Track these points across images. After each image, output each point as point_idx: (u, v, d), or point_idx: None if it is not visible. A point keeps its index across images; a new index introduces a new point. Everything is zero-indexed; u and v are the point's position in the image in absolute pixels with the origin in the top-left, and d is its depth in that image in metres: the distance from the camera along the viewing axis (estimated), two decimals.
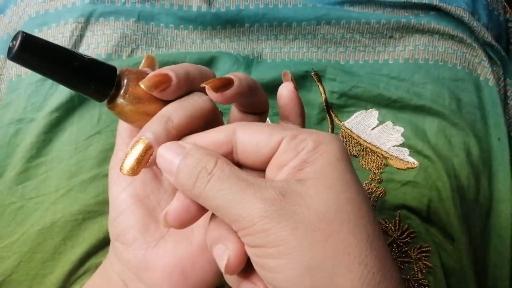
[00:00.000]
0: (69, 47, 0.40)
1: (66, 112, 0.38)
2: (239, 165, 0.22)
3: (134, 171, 0.21)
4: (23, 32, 0.20)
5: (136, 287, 0.27)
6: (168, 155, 0.20)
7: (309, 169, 0.19)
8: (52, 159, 0.37)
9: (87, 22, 0.41)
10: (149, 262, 0.26)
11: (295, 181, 0.19)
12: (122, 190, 0.26)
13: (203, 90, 0.23)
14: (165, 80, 0.22)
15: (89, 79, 0.22)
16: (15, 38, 0.20)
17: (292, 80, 0.26)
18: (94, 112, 0.38)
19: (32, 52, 0.20)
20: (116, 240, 0.27)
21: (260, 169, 0.22)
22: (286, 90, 0.26)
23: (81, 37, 0.41)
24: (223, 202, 0.19)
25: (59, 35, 0.41)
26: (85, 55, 0.22)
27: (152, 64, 0.28)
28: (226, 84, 0.23)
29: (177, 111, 0.23)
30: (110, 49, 0.40)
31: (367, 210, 0.19)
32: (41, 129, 0.37)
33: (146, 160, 0.21)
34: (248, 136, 0.21)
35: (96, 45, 0.41)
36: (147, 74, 0.23)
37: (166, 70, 0.22)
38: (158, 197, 0.28)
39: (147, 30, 0.41)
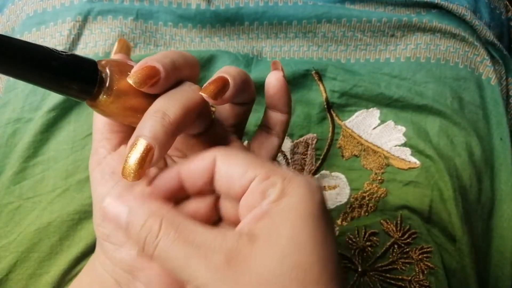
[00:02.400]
0: (68, 46, 0.40)
1: (63, 111, 0.38)
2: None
3: (138, 175, 0.20)
4: None
5: (131, 285, 0.27)
6: (114, 209, 0.20)
7: (264, 223, 0.18)
8: (49, 159, 0.37)
9: (85, 20, 0.40)
10: (144, 261, 0.26)
11: (247, 239, 0.18)
12: (109, 190, 0.25)
13: (188, 79, 0.23)
14: (153, 74, 0.21)
15: (70, 79, 0.20)
16: None
17: (282, 69, 0.26)
18: (91, 111, 0.38)
19: (4, 54, 0.18)
20: (105, 241, 0.26)
21: (236, 200, 0.21)
22: (275, 79, 0.25)
23: (79, 35, 0.40)
24: (172, 267, 0.19)
25: (57, 33, 0.40)
26: (62, 51, 0.20)
27: (125, 48, 0.26)
28: (222, 88, 0.22)
29: (171, 105, 0.21)
30: (108, 48, 0.40)
31: (320, 274, 0.18)
32: (38, 129, 0.37)
33: (148, 162, 0.20)
34: (224, 167, 0.21)
35: (94, 44, 0.40)
36: (129, 65, 0.22)
37: (152, 62, 0.21)
38: None
39: (145, 28, 0.41)
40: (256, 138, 0.28)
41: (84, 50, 0.40)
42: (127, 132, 0.26)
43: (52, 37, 0.40)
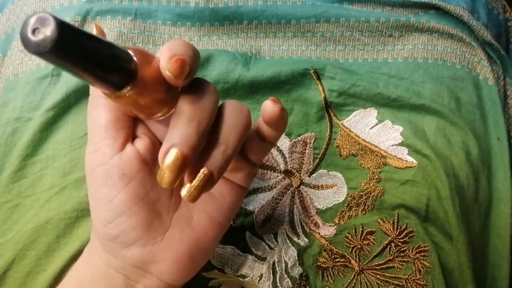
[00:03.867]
0: None
1: (62, 110, 0.38)
2: None
3: (174, 183, 0.21)
4: (54, 17, 0.15)
5: (141, 278, 0.27)
6: None
7: None
8: (48, 157, 0.37)
9: (84, 20, 0.41)
10: (157, 255, 0.26)
11: None
12: (118, 192, 0.25)
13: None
14: (185, 66, 0.21)
15: (113, 71, 0.19)
16: (35, 22, 0.15)
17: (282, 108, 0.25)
18: None
19: (68, 47, 0.16)
20: (112, 241, 0.26)
21: None
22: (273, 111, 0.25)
23: None
24: None
25: None
26: (104, 39, 0.19)
27: (102, 35, 0.25)
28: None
29: (203, 113, 0.22)
30: None
31: None
32: (38, 128, 0.37)
33: (184, 171, 0.21)
34: None
35: None
36: (150, 54, 0.22)
37: (181, 53, 0.21)
38: (157, 191, 0.27)
39: (144, 28, 0.41)
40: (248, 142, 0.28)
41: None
42: (130, 128, 0.26)
43: None
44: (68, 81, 0.38)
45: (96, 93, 0.25)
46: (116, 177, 0.25)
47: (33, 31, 0.15)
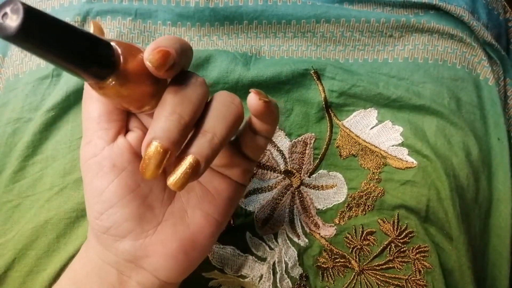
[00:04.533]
0: None
1: (62, 110, 0.38)
2: None
3: (155, 175, 0.21)
4: (22, 3, 0.16)
5: (134, 274, 0.27)
6: None
7: None
8: (48, 158, 0.37)
9: (83, 21, 0.41)
10: (149, 250, 0.26)
11: None
12: (109, 183, 0.25)
13: (185, 67, 0.23)
14: (169, 57, 0.21)
15: (91, 61, 0.20)
16: (6, 8, 0.16)
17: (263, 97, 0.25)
18: None
19: (35, 30, 0.17)
20: (104, 233, 0.26)
21: None
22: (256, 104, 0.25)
23: None
24: None
25: None
26: (82, 29, 0.20)
27: (100, 32, 0.25)
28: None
29: (186, 106, 0.22)
30: None
31: None
32: (38, 128, 0.37)
33: (164, 163, 0.21)
34: None
35: None
36: (137, 47, 0.22)
37: (165, 45, 0.21)
38: (149, 184, 0.27)
39: (144, 28, 0.41)
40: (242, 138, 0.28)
41: None
42: (123, 121, 0.27)
43: None
44: (68, 81, 0.38)
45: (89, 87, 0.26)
46: (107, 168, 0.25)
47: (2, 16, 0.16)
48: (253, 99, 0.25)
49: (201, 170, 0.22)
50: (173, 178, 0.22)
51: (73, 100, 0.38)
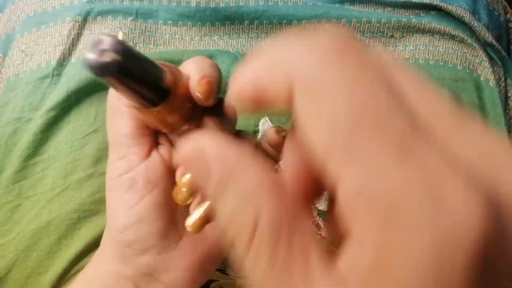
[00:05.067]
0: (67, 46, 0.40)
1: (63, 110, 0.38)
2: None
3: (188, 201, 0.22)
4: (121, 41, 0.16)
5: (150, 287, 0.27)
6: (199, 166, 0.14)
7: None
8: (49, 158, 0.37)
9: (84, 20, 0.41)
10: (170, 264, 0.26)
11: None
12: (141, 198, 0.25)
13: None
14: (214, 87, 0.22)
15: (152, 90, 0.20)
16: (104, 44, 0.16)
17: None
18: (91, 110, 0.38)
19: (129, 68, 0.17)
20: (127, 247, 0.26)
21: None
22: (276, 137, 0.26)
23: (78, 36, 0.40)
24: None
25: (56, 34, 0.40)
26: (146, 57, 0.19)
27: None
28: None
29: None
30: None
31: None
32: (38, 128, 0.37)
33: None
34: None
35: None
36: (177, 69, 0.22)
37: (210, 75, 0.22)
38: None
39: (145, 28, 0.41)
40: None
41: (84, 50, 0.40)
42: (153, 135, 0.27)
43: (52, 37, 0.40)
44: (69, 81, 0.38)
45: (118, 102, 0.25)
46: (142, 184, 0.25)
47: (98, 52, 0.16)
48: (274, 134, 0.26)
49: None
50: (193, 221, 0.22)
51: (74, 99, 0.38)
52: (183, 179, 0.22)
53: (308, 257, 0.12)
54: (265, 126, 0.39)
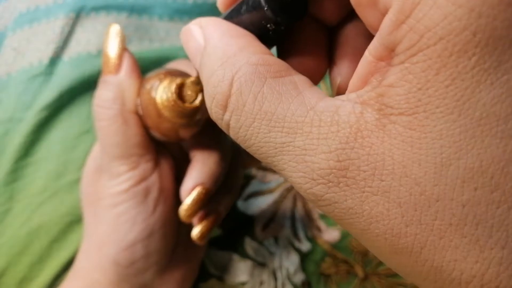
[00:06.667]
0: (60, 44, 0.39)
1: (54, 111, 0.37)
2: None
3: (192, 217, 0.23)
4: None
5: None
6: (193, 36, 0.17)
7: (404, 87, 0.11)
8: (40, 159, 0.36)
9: (77, 17, 0.39)
10: (165, 279, 0.26)
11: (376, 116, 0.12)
12: (154, 209, 0.24)
13: None
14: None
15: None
16: None
17: None
18: (83, 110, 0.37)
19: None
20: (128, 267, 0.24)
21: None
22: None
23: (71, 33, 0.39)
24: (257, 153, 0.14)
25: (49, 31, 0.39)
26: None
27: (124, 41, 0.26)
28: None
29: (228, 156, 0.25)
30: (101, 45, 0.39)
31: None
32: (30, 129, 0.36)
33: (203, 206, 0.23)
34: None
35: (86, 41, 0.39)
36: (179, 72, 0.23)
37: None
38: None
39: (139, 24, 0.40)
40: None
41: (77, 47, 0.39)
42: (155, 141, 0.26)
43: (44, 35, 0.39)
44: (61, 80, 0.37)
45: (126, 109, 0.24)
46: (155, 193, 0.25)
47: None
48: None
49: (219, 223, 0.24)
50: (200, 232, 0.23)
51: (66, 99, 0.37)
52: (191, 196, 0.22)
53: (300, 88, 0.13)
54: None
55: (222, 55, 0.14)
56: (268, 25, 0.16)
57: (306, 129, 0.12)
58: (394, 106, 0.11)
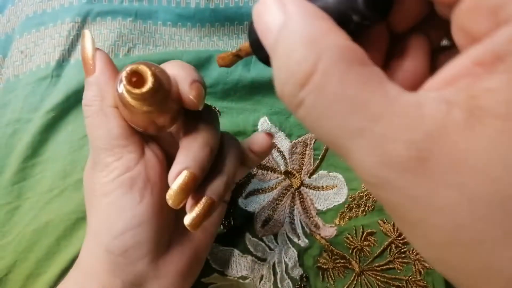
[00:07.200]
0: (66, 47, 0.40)
1: (61, 112, 0.38)
2: None
3: (182, 203, 0.23)
4: None
5: None
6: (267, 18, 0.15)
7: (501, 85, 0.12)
8: (48, 159, 0.37)
9: (84, 21, 0.41)
10: (161, 271, 0.26)
11: (464, 116, 0.12)
12: (141, 198, 0.25)
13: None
14: (203, 91, 0.23)
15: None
16: None
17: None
18: None
19: None
20: (121, 255, 0.25)
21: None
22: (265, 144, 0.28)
23: (77, 36, 0.41)
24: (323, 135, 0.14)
25: (56, 34, 0.40)
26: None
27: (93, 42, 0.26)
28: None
29: (215, 140, 0.24)
30: (107, 49, 0.40)
31: None
32: (37, 129, 0.37)
33: (192, 191, 0.23)
34: None
35: None
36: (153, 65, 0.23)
37: (198, 80, 0.23)
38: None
39: (144, 28, 0.41)
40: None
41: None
42: (140, 134, 0.27)
43: (52, 38, 0.40)
44: (68, 82, 0.38)
45: (104, 103, 0.25)
46: (141, 183, 0.25)
47: None
48: (265, 140, 0.28)
49: (215, 210, 0.23)
50: (191, 219, 0.23)
51: (73, 101, 0.38)
52: (177, 181, 0.22)
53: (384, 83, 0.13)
54: (264, 126, 0.39)
55: (307, 34, 0.14)
56: (354, 17, 0.15)
57: (388, 118, 0.12)
58: (489, 109, 0.11)
